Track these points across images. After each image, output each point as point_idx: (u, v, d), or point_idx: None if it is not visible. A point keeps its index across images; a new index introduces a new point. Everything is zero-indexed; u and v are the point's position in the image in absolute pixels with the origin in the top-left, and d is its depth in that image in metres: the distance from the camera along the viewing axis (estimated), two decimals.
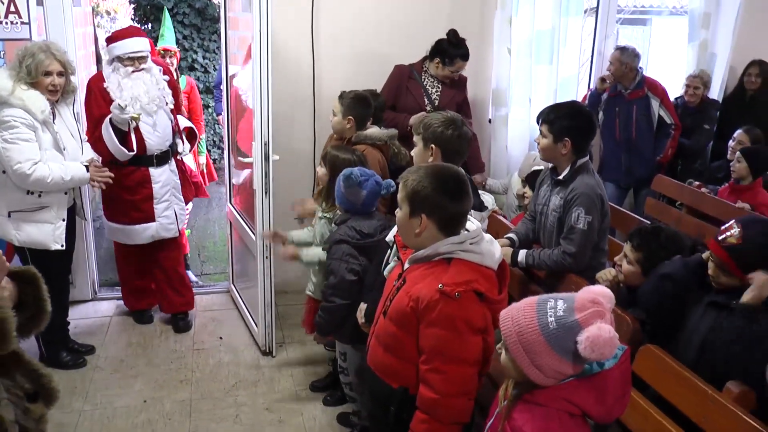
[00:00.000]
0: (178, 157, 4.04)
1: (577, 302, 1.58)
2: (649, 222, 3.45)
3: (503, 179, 4.46)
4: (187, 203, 4.27)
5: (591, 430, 1.70)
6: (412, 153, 2.79)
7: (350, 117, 3.42)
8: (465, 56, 4.02)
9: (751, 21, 4.86)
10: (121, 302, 4.25)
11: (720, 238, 2.26)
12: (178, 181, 3.99)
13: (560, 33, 4.55)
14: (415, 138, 2.74)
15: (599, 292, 1.59)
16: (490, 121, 4.61)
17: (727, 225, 2.29)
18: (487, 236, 2.04)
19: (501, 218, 3.59)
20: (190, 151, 4.23)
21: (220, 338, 4.01)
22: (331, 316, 2.86)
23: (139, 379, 3.54)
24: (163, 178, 3.84)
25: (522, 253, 2.95)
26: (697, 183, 4.38)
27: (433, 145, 2.65)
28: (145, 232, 3.85)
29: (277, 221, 3.59)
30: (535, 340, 1.56)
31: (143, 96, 3.64)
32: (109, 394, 3.40)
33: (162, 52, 5.08)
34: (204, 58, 8.09)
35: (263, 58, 3.32)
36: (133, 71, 3.63)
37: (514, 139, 4.52)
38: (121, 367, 3.66)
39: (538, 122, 2.93)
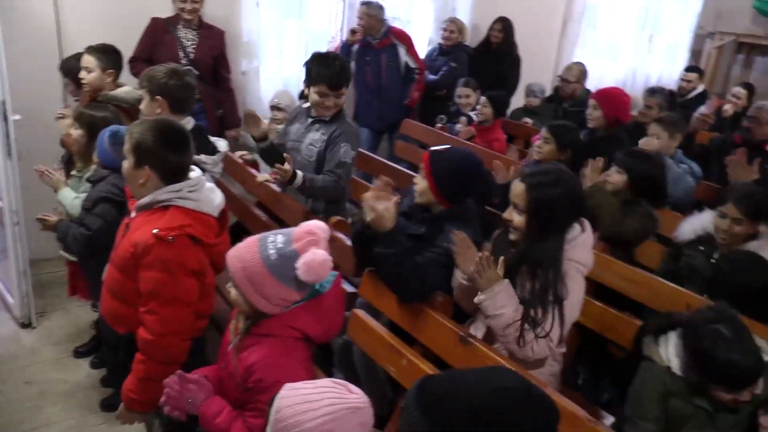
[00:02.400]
0: None
1: (294, 234, 1.78)
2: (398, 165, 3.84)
3: None
4: None
5: (311, 352, 1.94)
6: (141, 107, 2.82)
7: (111, 70, 3.32)
8: None
9: None
10: None
11: None
12: None
13: None
14: (141, 92, 2.78)
15: (315, 225, 1.81)
16: (243, 73, 4.70)
17: None
18: (209, 185, 2.20)
19: (237, 159, 3.83)
20: None
21: None
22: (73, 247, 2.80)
23: None
24: None
25: (300, 175, 2.98)
26: (440, 125, 4.85)
27: (158, 97, 2.72)
28: None
29: (25, 185, 3.40)
30: (259, 272, 1.73)
31: None
32: None
33: None
34: None
35: None
36: None
37: (268, 91, 4.67)
38: None
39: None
